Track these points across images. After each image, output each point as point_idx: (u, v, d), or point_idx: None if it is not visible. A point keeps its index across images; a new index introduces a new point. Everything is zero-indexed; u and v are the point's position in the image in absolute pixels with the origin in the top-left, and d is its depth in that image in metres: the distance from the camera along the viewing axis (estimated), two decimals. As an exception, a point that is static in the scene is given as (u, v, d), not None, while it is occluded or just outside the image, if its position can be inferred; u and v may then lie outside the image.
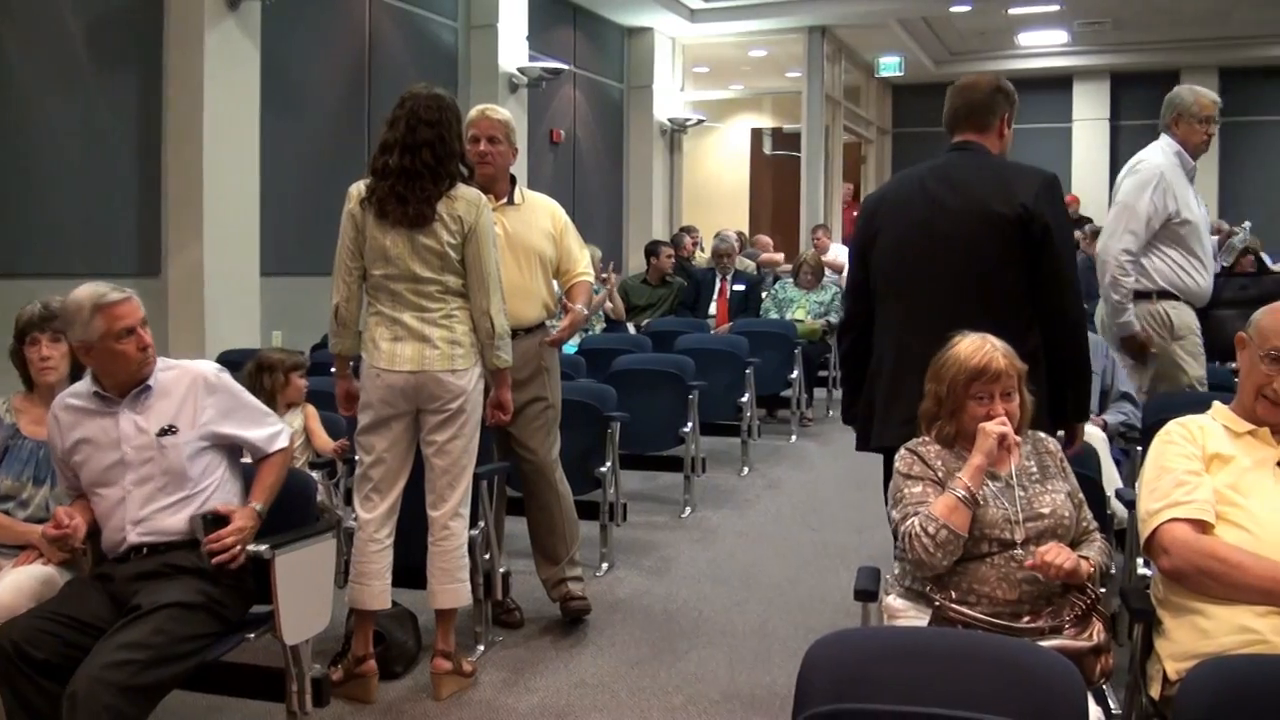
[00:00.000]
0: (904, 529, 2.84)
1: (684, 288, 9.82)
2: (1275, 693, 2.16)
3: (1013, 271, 3.40)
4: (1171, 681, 2.59)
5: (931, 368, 3.03)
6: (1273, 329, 2.86)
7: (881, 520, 3.10)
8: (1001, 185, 3.44)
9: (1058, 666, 2.22)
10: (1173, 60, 16.11)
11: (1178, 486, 2.77)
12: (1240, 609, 2.60)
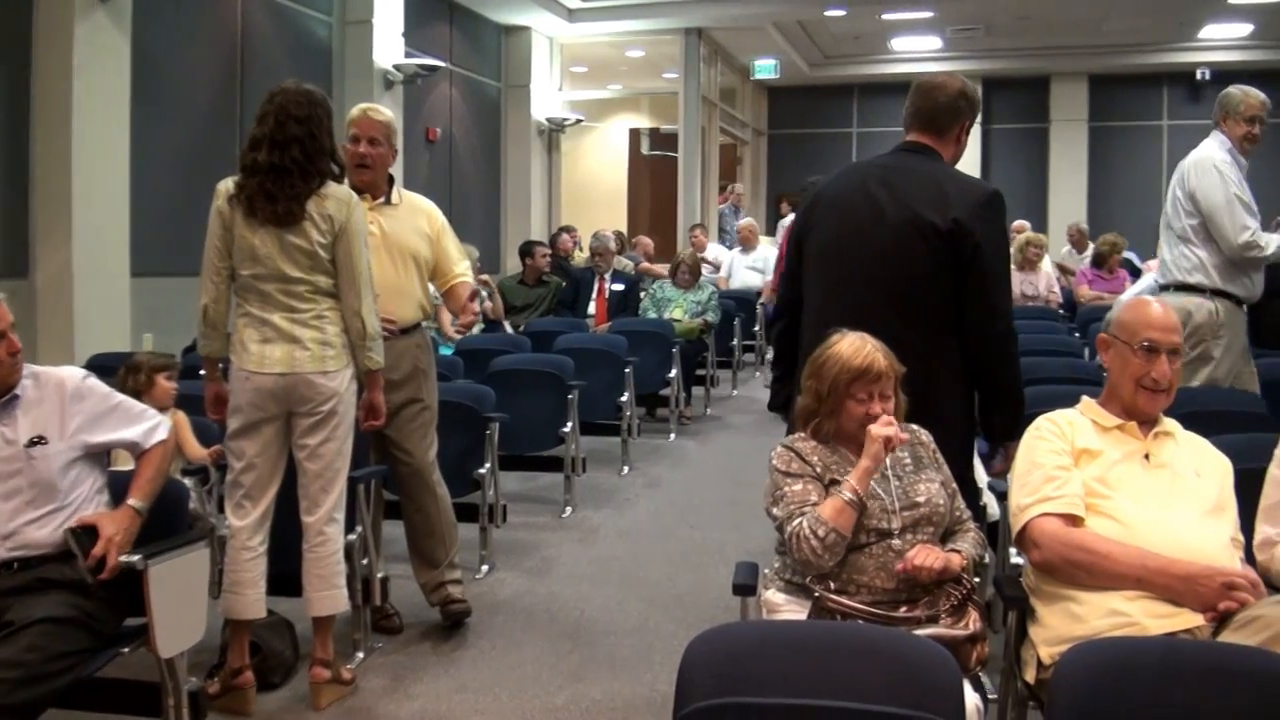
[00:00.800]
0: (791, 529, 2.85)
1: (562, 287, 9.79)
2: (1145, 672, 2.23)
3: (941, 285, 3.38)
4: (1045, 665, 2.66)
5: (811, 364, 3.04)
6: (1139, 322, 2.98)
7: (759, 516, 3.11)
8: (939, 196, 3.40)
9: (934, 655, 2.25)
10: (1044, 66, 16.59)
11: (1048, 481, 2.84)
12: (1110, 594, 2.68)
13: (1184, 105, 16.82)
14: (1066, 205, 16.22)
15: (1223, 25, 15.00)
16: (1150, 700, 2.16)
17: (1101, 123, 16.91)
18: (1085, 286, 10.00)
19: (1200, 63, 16.19)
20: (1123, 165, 16.88)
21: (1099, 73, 16.64)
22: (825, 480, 2.93)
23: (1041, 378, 4.97)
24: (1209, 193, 5.04)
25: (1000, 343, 3.44)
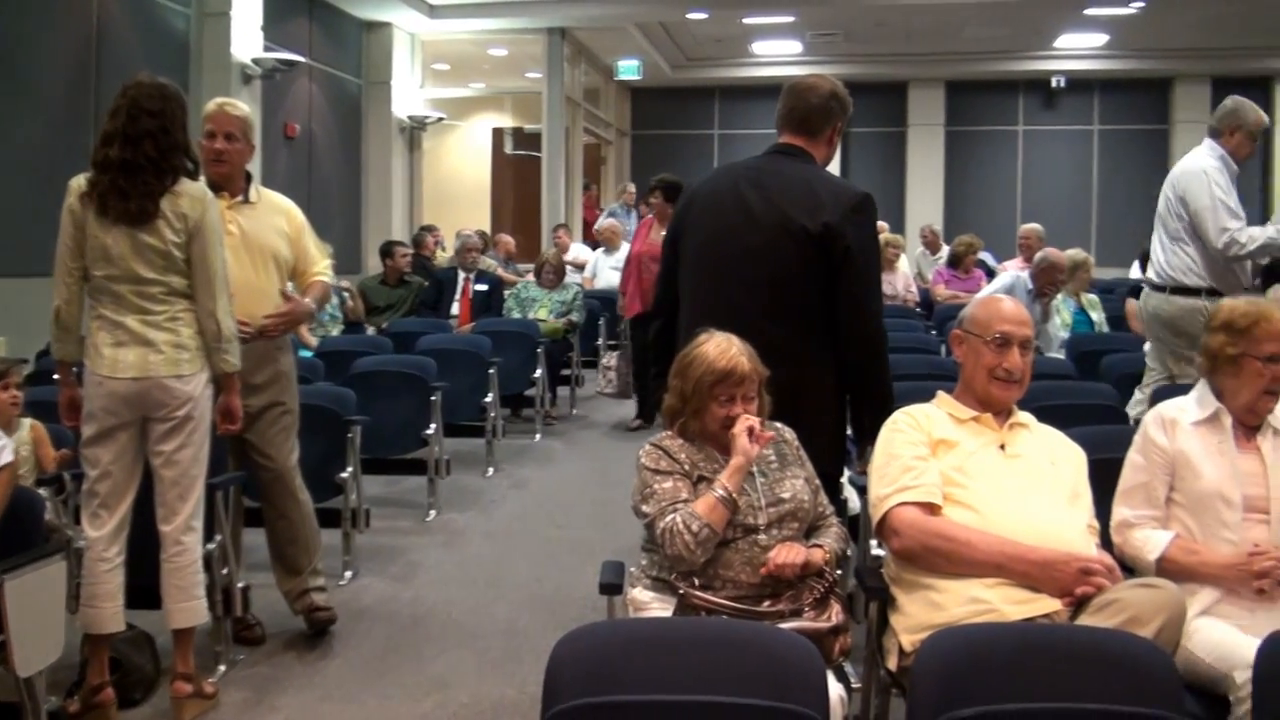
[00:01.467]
0: (664, 524, 2.86)
1: (424, 288, 9.68)
2: (1003, 656, 2.30)
3: (812, 288, 3.41)
4: (907, 653, 2.72)
5: (678, 364, 3.07)
6: (993, 316, 3.08)
7: (626, 515, 3.12)
8: (810, 199, 3.43)
9: (798, 647, 2.29)
10: (902, 73, 16.97)
11: (906, 472, 2.92)
12: (970, 581, 2.76)
13: (1039, 111, 17.40)
14: (924, 208, 16.63)
15: (1078, 35, 15.54)
16: (1009, 684, 2.22)
17: (958, 128, 17.39)
18: (942, 286, 10.24)
19: (1056, 71, 16.76)
20: (979, 169, 17.37)
21: (956, 79, 17.10)
22: (694, 477, 2.96)
23: (901, 374, 5.05)
24: (1196, 196, 5.41)
25: (871, 343, 3.49)
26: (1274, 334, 3.09)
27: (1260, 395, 3.08)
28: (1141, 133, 17.25)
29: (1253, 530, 2.99)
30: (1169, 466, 3.10)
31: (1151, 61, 16.42)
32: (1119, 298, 8.75)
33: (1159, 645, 2.45)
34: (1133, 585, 2.73)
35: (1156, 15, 13.90)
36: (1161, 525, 3.08)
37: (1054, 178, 17.26)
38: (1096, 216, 17.18)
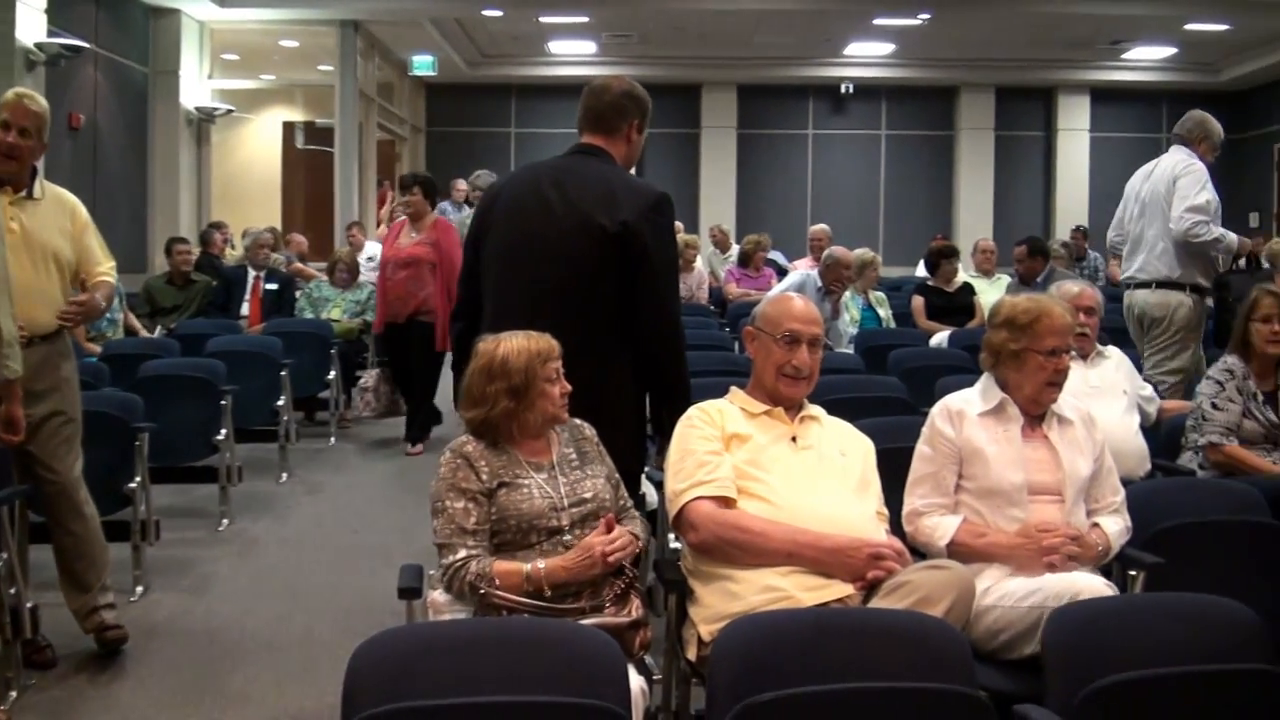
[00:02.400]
0: (455, 561, 2.84)
1: (212, 287, 9.38)
2: (798, 641, 2.40)
3: (610, 287, 3.44)
4: (706, 643, 2.80)
5: (485, 371, 3.02)
6: (783, 315, 3.20)
7: (424, 517, 3.11)
8: (609, 198, 3.46)
9: (598, 643, 2.35)
10: (696, 75, 17.18)
11: (700, 467, 3.00)
12: (765, 570, 2.86)
13: (829, 116, 17.87)
14: (717, 208, 16.90)
15: (866, 43, 16.01)
16: (804, 667, 2.32)
17: (750, 131, 17.72)
18: (733, 284, 10.44)
19: (844, 77, 17.24)
20: (771, 171, 17.75)
21: (748, 83, 17.43)
22: (494, 485, 2.95)
23: (696, 370, 5.15)
24: (1188, 186, 6.01)
25: (669, 340, 3.56)
26: (1055, 329, 3.29)
27: (1043, 387, 3.28)
28: (928, 138, 17.93)
29: (1044, 515, 3.18)
30: (957, 456, 3.26)
31: (938, 71, 17.07)
32: (906, 295, 9.08)
33: (949, 623, 2.59)
34: (922, 567, 2.88)
35: (942, 27, 14.45)
36: (950, 513, 3.24)
37: (843, 180, 17.78)
38: (884, 217, 17.79)
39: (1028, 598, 2.94)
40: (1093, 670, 2.39)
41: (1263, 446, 4.40)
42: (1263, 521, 3.60)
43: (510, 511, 2.93)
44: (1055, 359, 3.28)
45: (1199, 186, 6.01)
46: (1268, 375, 4.49)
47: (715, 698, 2.37)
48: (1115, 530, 3.29)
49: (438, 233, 7.88)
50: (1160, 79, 17.46)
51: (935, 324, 8.07)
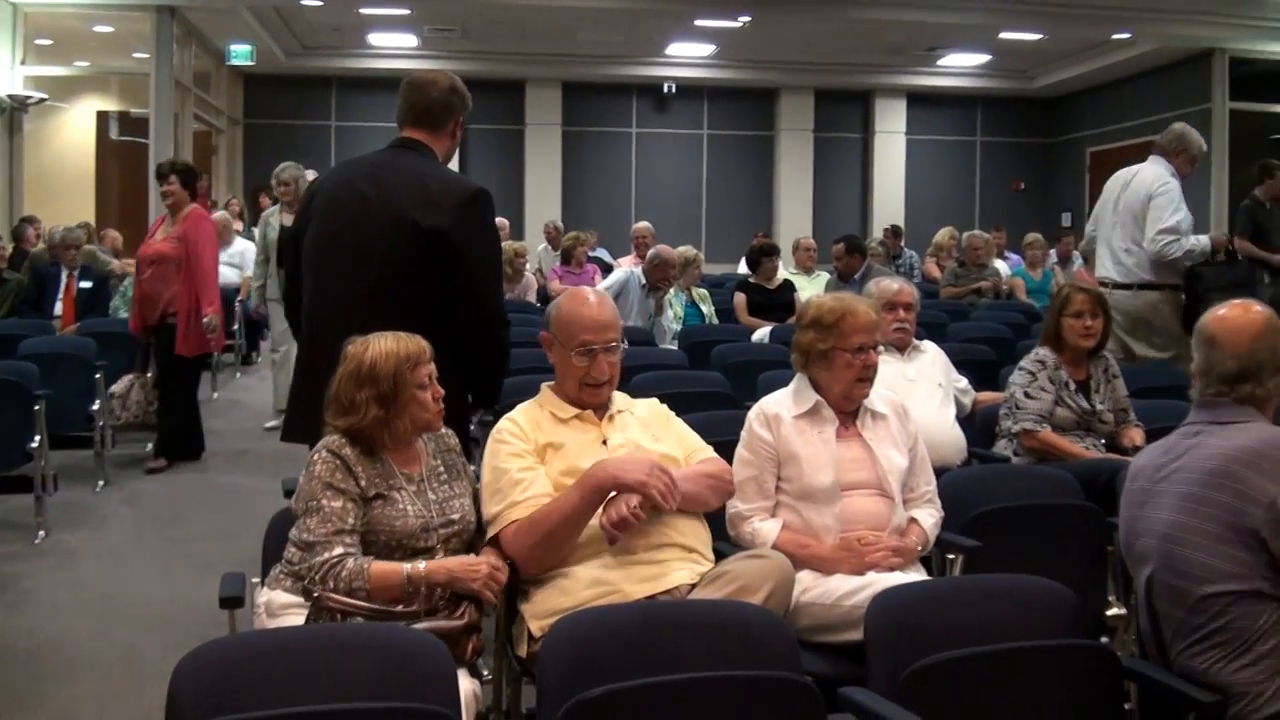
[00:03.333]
0: (330, 558, 2.74)
1: (23, 285, 8.97)
2: (627, 634, 2.43)
3: (428, 285, 3.42)
4: (536, 639, 2.79)
5: (358, 376, 2.91)
6: (576, 325, 3.16)
7: (248, 523, 3.04)
8: (424, 194, 3.43)
9: (426, 645, 2.34)
10: (520, 72, 17.14)
11: (514, 486, 2.98)
12: (594, 565, 2.88)
13: (652, 115, 18.04)
14: (542, 206, 16.89)
15: (688, 44, 16.19)
16: (633, 661, 2.34)
17: (575, 128, 17.76)
18: (556, 282, 10.40)
19: (667, 77, 17.42)
20: (595, 168, 17.82)
21: (573, 80, 17.46)
22: (370, 495, 2.86)
23: (520, 368, 5.15)
24: (1162, 205, 6.20)
25: (490, 340, 3.57)
26: (861, 327, 3.37)
27: (853, 384, 3.36)
28: (749, 138, 18.24)
29: (864, 509, 3.27)
30: (775, 459, 3.32)
31: (758, 72, 17.39)
32: (728, 291, 9.22)
33: (771, 610, 2.64)
34: (741, 557, 2.93)
35: (762, 30, 14.71)
36: (771, 515, 3.31)
37: (666, 178, 17.97)
38: (706, 216, 18.04)
39: (849, 597, 3.02)
40: (914, 651, 2.46)
41: (1075, 433, 4.61)
42: (1075, 503, 3.79)
43: (382, 526, 2.85)
44: (863, 355, 3.36)
45: (1171, 208, 6.28)
46: (1079, 365, 4.71)
47: (545, 695, 2.37)
48: (931, 523, 3.41)
49: (185, 226, 7.28)
50: (975, 84, 18.17)
51: (757, 320, 8.22)
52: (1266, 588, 2.43)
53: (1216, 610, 2.46)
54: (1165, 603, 2.58)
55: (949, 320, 8.13)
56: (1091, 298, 4.73)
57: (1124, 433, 4.69)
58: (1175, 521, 2.56)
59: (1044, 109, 18.89)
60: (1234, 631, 2.44)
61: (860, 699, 2.39)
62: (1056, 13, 13.75)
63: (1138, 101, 16.75)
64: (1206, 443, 2.61)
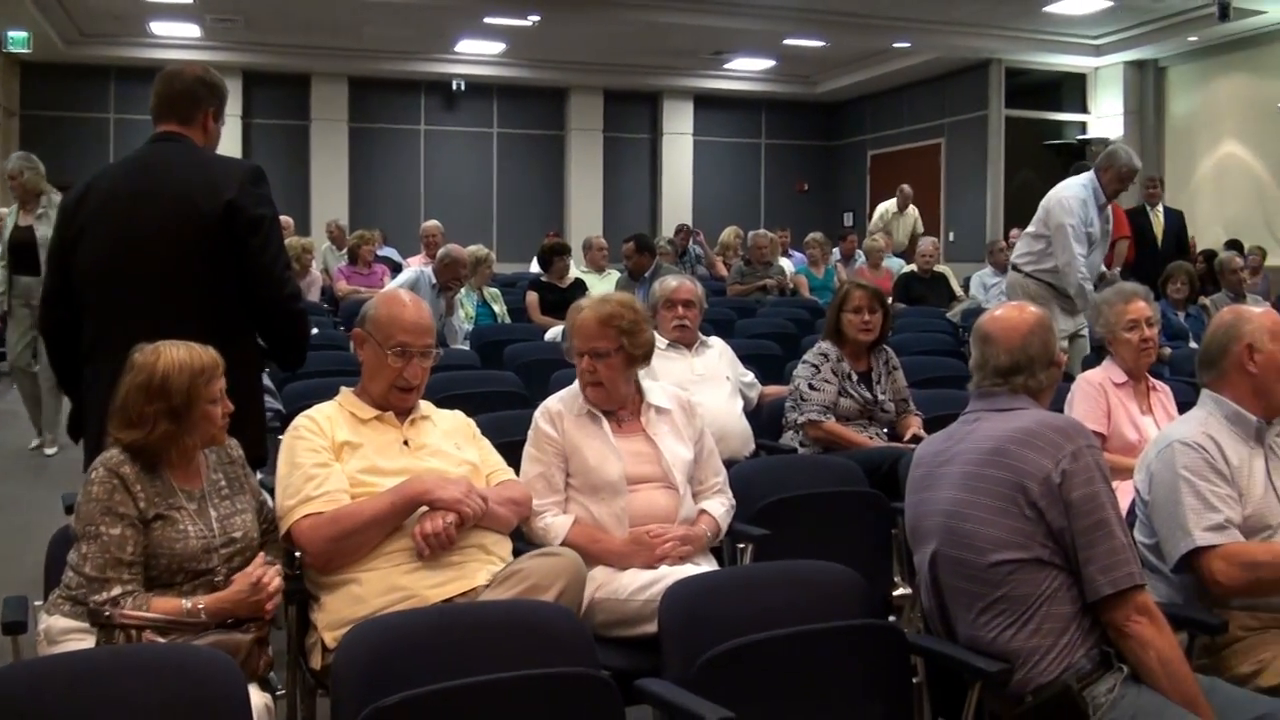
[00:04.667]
0: (107, 597, 2.59)
1: None
2: (424, 640, 2.40)
3: (223, 271, 3.31)
4: (330, 650, 2.73)
5: (148, 388, 2.75)
6: (394, 325, 3.12)
7: (25, 540, 2.86)
8: (205, 179, 3.33)
9: (216, 663, 2.27)
10: (305, 65, 16.67)
11: (308, 481, 2.92)
12: (389, 570, 2.84)
13: (441, 112, 17.79)
14: (329, 204, 16.48)
15: (477, 41, 16.02)
16: (430, 665, 2.32)
17: (362, 124, 17.40)
18: (343, 282, 10.21)
19: (456, 74, 17.21)
20: (383, 166, 17.50)
21: (359, 75, 17.10)
22: (150, 516, 2.71)
23: (309, 371, 5.02)
24: (1059, 215, 6.38)
25: (289, 310, 3.48)
26: (578, 333, 3.40)
27: (587, 386, 3.39)
28: (539, 137, 18.21)
29: (652, 502, 3.30)
30: (562, 454, 3.34)
31: (548, 72, 17.36)
32: (520, 291, 9.19)
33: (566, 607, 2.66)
34: (532, 556, 2.93)
35: (552, 30, 14.70)
36: (563, 510, 3.31)
37: (456, 177, 17.77)
38: (497, 214, 17.94)
39: (642, 591, 3.05)
40: (707, 640, 2.50)
41: (858, 422, 4.77)
42: (860, 490, 3.92)
43: (163, 549, 2.71)
44: (583, 360, 3.40)
45: (1070, 217, 6.45)
46: (861, 358, 4.87)
47: (340, 706, 2.33)
48: (721, 512, 3.47)
49: None
50: (760, 88, 18.58)
51: (549, 319, 8.20)
52: (1045, 555, 2.56)
53: (1000, 579, 2.57)
54: (951, 576, 2.68)
55: (736, 317, 8.28)
56: (870, 294, 4.89)
57: (904, 421, 4.86)
58: (957, 499, 2.67)
59: (827, 113, 19.47)
60: (1017, 599, 2.55)
61: (656, 690, 2.42)
62: (838, 21, 14.16)
63: (917, 108, 17.46)
64: (984, 427, 2.73)
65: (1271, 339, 2.98)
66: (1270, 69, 13.80)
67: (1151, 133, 15.65)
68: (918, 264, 10.38)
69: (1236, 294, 8.18)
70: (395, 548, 2.89)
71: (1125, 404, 4.23)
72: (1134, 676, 2.53)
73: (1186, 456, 2.87)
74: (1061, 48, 15.29)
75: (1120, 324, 4.28)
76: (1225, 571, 2.76)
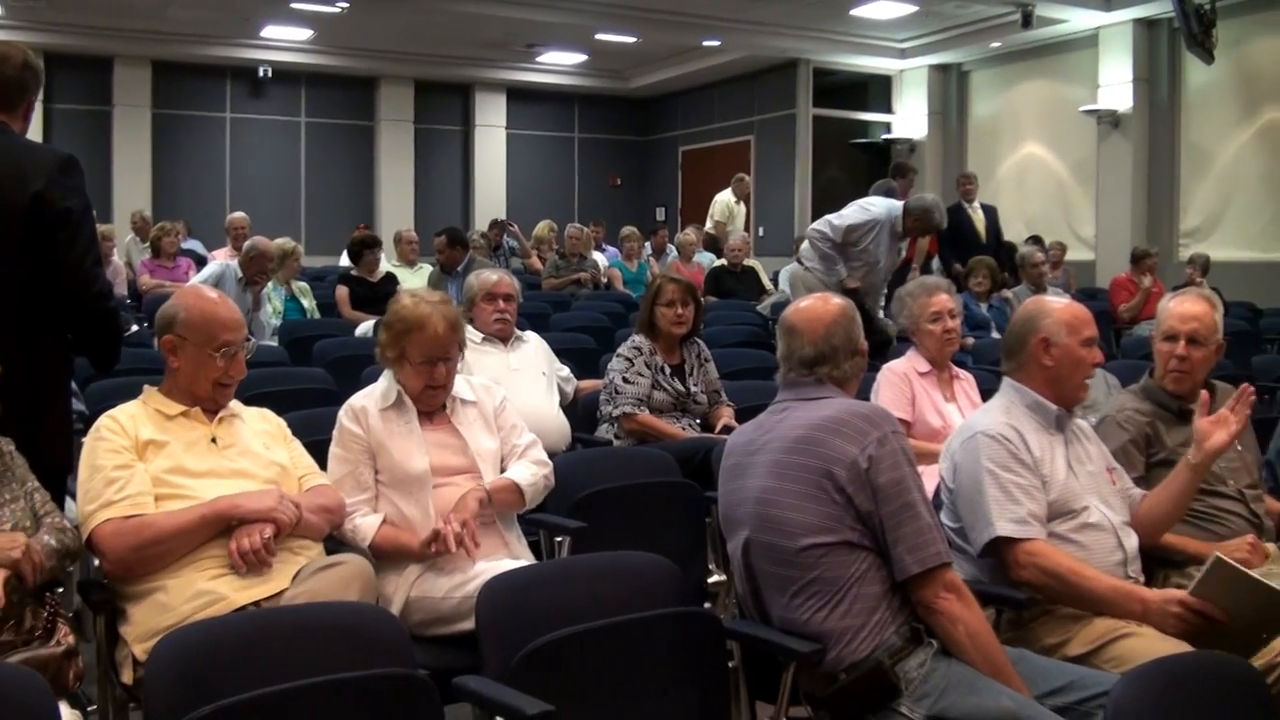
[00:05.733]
0: None
1: None
2: (237, 646, 2.36)
3: (30, 264, 3.18)
4: (140, 663, 2.64)
5: None
6: (211, 325, 3.04)
7: None
8: (15, 169, 3.18)
9: (22, 680, 2.17)
10: (108, 47, 15.93)
11: (109, 485, 2.83)
12: (195, 575, 2.77)
13: (247, 100, 17.24)
14: (132, 193, 15.83)
15: (284, 27, 15.61)
16: (245, 672, 2.26)
17: (166, 110, 16.77)
18: (147, 276, 9.86)
19: (263, 60, 16.72)
20: (188, 155, 16.90)
21: (163, 59, 16.46)
22: None
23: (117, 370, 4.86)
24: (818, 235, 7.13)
25: (99, 309, 3.36)
26: (426, 342, 3.30)
27: (423, 391, 3.34)
28: (348, 128, 17.85)
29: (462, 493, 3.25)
30: (369, 452, 3.28)
31: (357, 60, 17.00)
32: (329, 285, 9.01)
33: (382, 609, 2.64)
34: (316, 569, 2.87)
35: (361, 17, 14.45)
36: (372, 509, 3.26)
37: (264, 167, 17.28)
38: (305, 206, 17.50)
39: (459, 588, 3.03)
40: (525, 634, 2.50)
41: (672, 414, 4.84)
42: (674, 481, 3.99)
43: None
44: (430, 368, 3.32)
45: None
46: (674, 351, 4.93)
47: (154, 720, 2.25)
48: (526, 475, 3.38)
49: None
50: (573, 82, 18.61)
51: (360, 314, 8.07)
52: (854, 538, 2.64)
53: (811, 562, 2.64)
54: (763, 562, 2.74)
55: (551, 311, 8.30)
56: (682, 288, 4.96)
57: (716, 412, 4.95)
58: (767, 486, 2.73)
59: (639, 108, 19.63)
60: (829, 581, 2.63)
61: (475, 687, 2.41)
62: (648, 18, 14.29)
63: (727, 105, 17.75)
64: (793, 417, 2.80)
65: (1068, 332, 3.12)
66: (1070, 75, 14.51)
67: (954, 134, 16.28)
68: (728, 258, 10.55)
69: (1037, 287, 8.55)
70: (202, 555, 2.82)
71: (929, 392, 4.41)
72: (944, 651, 2.63)
73: (990, 448, 2.99)
74: (868, 50, 15.76)
75: (924, 316, 4.45)
76: (1026, 567, 2.90)
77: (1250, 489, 3.49)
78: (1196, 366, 3.47)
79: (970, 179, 10.70)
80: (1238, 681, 2.40)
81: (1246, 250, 12.55)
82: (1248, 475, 3.52)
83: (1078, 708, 2.55)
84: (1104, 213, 13.78)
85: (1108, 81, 13.60)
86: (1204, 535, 3.33)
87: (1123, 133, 13.49)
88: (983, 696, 2.50)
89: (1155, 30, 13.39)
